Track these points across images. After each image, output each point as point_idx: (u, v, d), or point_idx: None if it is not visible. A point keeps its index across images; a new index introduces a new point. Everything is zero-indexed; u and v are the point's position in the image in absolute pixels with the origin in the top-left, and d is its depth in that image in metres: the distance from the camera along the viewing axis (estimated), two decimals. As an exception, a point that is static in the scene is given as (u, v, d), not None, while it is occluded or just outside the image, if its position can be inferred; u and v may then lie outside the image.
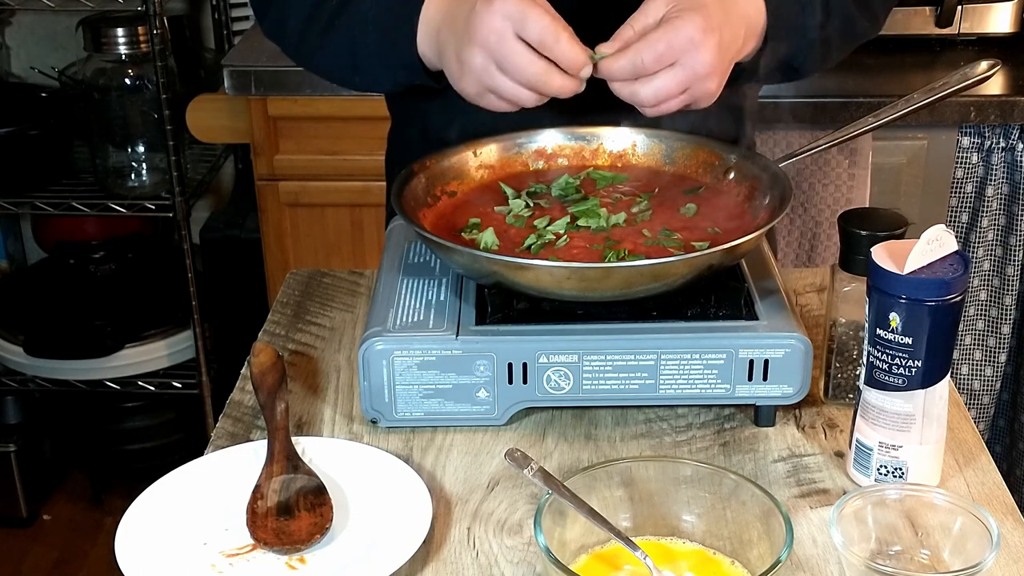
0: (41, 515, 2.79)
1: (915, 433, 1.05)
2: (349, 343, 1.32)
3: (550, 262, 1.09)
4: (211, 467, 1.10)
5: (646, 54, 1.11)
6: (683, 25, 1.10)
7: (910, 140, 2.17)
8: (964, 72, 1.22)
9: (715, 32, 1.11)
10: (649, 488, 1.00)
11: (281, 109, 2.25)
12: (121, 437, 2.76)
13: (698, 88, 1.13)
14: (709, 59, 1.10)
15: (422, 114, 1.40)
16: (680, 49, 1.10)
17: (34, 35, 2.78)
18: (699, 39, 1.10)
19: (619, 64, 1.12)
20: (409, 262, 1.25)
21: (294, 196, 2.32)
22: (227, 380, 1.35)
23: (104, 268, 2.71)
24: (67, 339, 2.61)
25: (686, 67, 1.11)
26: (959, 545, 0.97)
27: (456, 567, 1.01)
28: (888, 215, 1.14)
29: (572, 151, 1.33)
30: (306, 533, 1.02)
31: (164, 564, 0.99)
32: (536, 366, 1.12)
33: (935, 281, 0.99)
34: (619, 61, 1.12)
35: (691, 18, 1.10)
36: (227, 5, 2.69)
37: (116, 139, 2.47)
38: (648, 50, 1.11)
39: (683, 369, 1.12)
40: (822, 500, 1.07)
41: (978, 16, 2.25)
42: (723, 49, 1.12)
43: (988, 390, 2.32)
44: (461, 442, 1.15)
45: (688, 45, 1.10)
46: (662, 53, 1.10)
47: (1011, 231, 2.19)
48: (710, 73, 1.12)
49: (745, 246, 1.11)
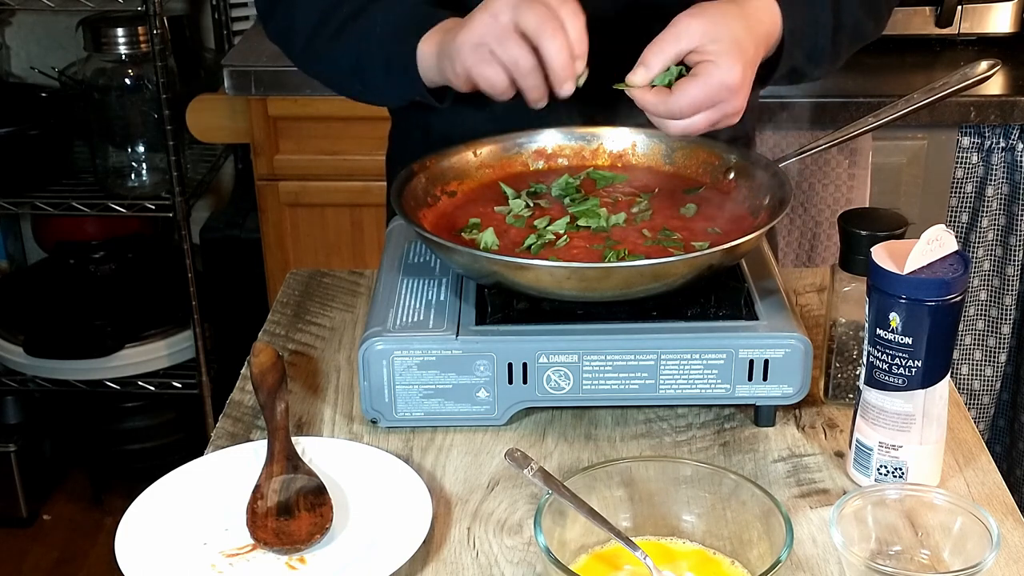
0: (41, 515, 2.78)
1: (915, 433, 1.05)
2: (349, 343, 1.32)
3: (550, 262, 1.09)
4: (211, 467, 1.10)
5: (684, 105, 1.12)
6: (724, 76, 1.11)
7: (910, 140, 2.17)
8: (964, 72, 1.22)
9: (749, 70, 1.13)
10: (649, 488, 1.00)
11: (281, 109, 2.25)
12: (121, 437, 2.76)
13: (726, 120, 1.15)
14: (741, 102, 1.13)
15: (423, 114, 1.40)
16: (716, 98, 1.12)
17: (34, 35, 2.78)
18: (736, 87, 1.12)
19: (654, 105, 1.14)
20: (409, 262, 1.25)
21: (294, 196, 2.32)
22: (227, 380, 1.35)
23: (104, 268, 2.71)
24: (67, 339, 2.61)
25: (720, 111, 1.13)
26: (959, 545, 0.97)
27: (456, 567, 1.01)
28: (888, 215, 1.14)
29: (572, 151, 1.33)
30: (306, 533, 1.02)
31: (164, 564, 0.99)
32: (536, 366, 1.12)
33: (935, 281, 0.99)
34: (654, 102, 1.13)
35: (730, 66, 1.11)
36: (227, 5, 2.69)
37: (116, 139, 2.47)
38: (686, 102, 1.12)
39: (683, 369, 1.12)
40: (822, 500, 1.07)
41: (978, 16, 2.25)
42: (748, 78, 1.14)
43: (988, 390, 2.32)
44: (461, 442, 1.15)
45: (726, 94, 1.12)
46: (700, 103, 1.12)
47: (1011, 231, 2.19)
48: (738, 110, 1.14)
49: (745, 246, 1.11)
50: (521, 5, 1.11)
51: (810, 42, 1.23)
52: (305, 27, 1.31)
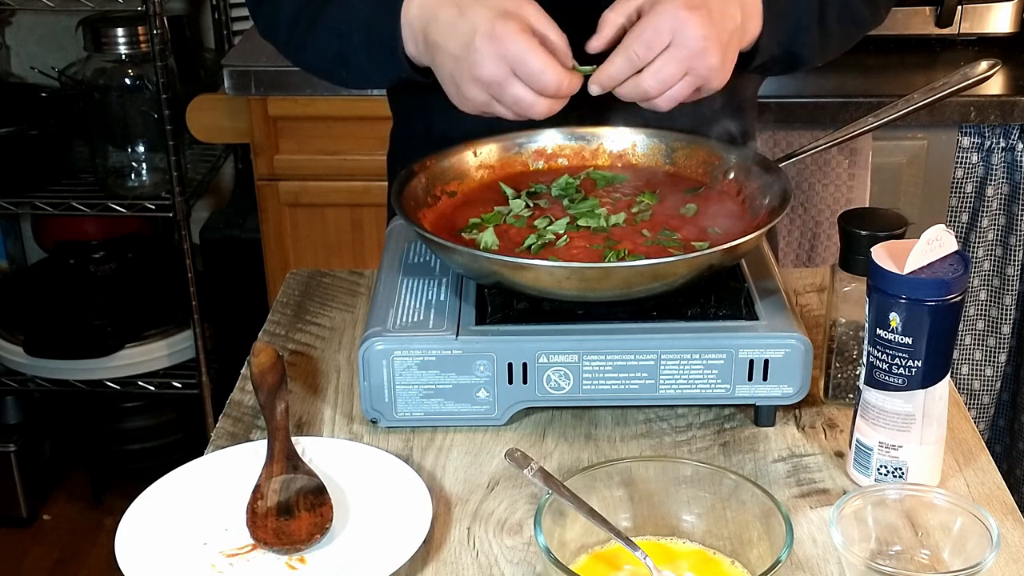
0: (41, 515, 2.79)
1: (915, 433, 1.05)
2: (349, 343, 1.32)
3: (550, 262, 1.09)
4: (211, 467, 1.10)
5: (636, 46, 1.10)
6: (665, 5, 1.09)
7: (910, 140, 2.17)
8: (964, 72, 1.22)
9: (700, 6, 1.10)
10: (649, 488, 1.00)
11: (281, 109, 2.25)
12: (121, 437, 2.76)
13: (699, 65, 1.11)
14: (700, 31, 1.09)
15: (425, 113, 1.40)
16: (668, 29, 1.09)
17: (34, 35, 2.78)
18: (684, 15, 1.09)
19: (614, 66, 1.12)
20: (409, 262, 1.25)
21: (294, 196, 2.32)
22: (227, 380, 1.35)
23: (104, 268, 2.71)
24: (67, 339, 2.61)
25: (679, 45, 1.10)
26: (959, 545, 0.97)
27: (456, 567, 1.01)
28: (888, 215, 1.14)
29: (572, 151, 1.33)
30: (306, 533, 1.02)
31: (164, 564, 0.99)
32: (536, 366, 1.12)
33: (935, 281, 0.99)
34: (613, 63, 1.12)
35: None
36: (227, 5, 2.69)
37: (116, 139, 2.47)
38: (636, 41, 1.10)
39: (683, 369, 1.12)
40: (822, 500, 1.07)
41: (978, 16, 2.25)
42: (715, 22, 1.11)
43: (988, 390, 2.32)
44: (461, 442, 1.15)
45: (674, 22, 1.09)
46: (651, 39, 1.10)
47: (1011, 231, 2.19)
48: (706, 46, 1.10)
49: (745, 246, 1.11)
50: (498, 93, 1.12)
51: (792, 19, 1.22)
52: (287, 18, 1.31)
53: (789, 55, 1.26)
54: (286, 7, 1.31)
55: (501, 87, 1.11)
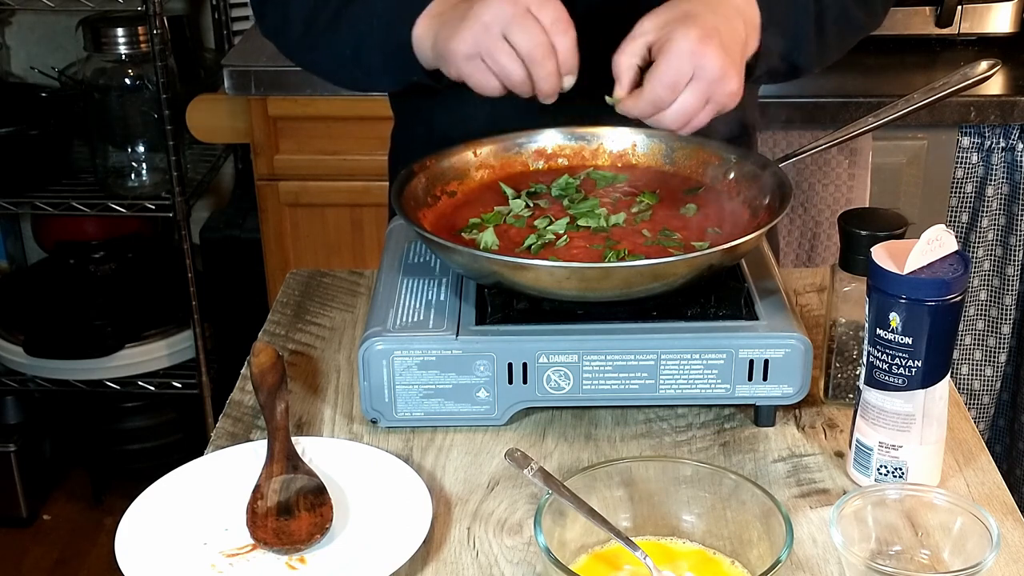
0: (41, 515, 2.78)
1: (915, 433, 1.05)
2: (349, 343, 1.32)
3: (550, 262, 1.09)
4: (211, 467, 1.10)
5: (660, 90, 1.12)
6: (680, 43, 1.10)
7: (910, 140, 2.17)
8: (964, 72, 1.22)
9: (712, 35, 1.11)
10: (649, 488, 1.00)
11: (281, 109, 2.25)
12: (121, 437, 2.76)
13: (718, 92, 1.13)
14: (718, 62, 1.11)
15: (426, 113, 1.40)
16: (688, 68, 1.11)
17: (34, 35, 2.78)
18: (699, 49, 1.10)
19: (639, 107, 1.13)
20: (409, 262, 1.25)
21: (294, 196, 2.32)
22: (227, 380, 1.35)
23: (104, 268, 2.71)
24: (67, 339, 2.61)
25: (700, 79, 1.11)
26: (959, 545, 0.97)
27: (456, 567, 1.01)
28: (888, 215, 1.14)
29: (572, 151, 1.33)
30: (306, 533, 1.02)
31: (164, 564, 0.99)
32: (536, 366, 1.12)
33: (935, 281, 0.99)
34: (638, 105, 1.13)
35: (684, 33, 1.10)
36: (227, 5, 2.69)
37: (116, 139, 2.47)
38: (659, 86, 1.11)
39: (683, 369, 1.12)
40: (822, 500, 1.07)
41: (978, 16, 2.25)
42: (727, 47, 1.12)
43: (988, 390, 2.32)
44: (461, 442, 1.15)
45: (693, 59, 1.10)
46: (674, 81, 1.11)
47: (1011, 231, 2.19)
48: (724, 75, 1.12)
49: (745, 246, 1.11)
50: (513, 22, 1.12)
51: (790, 24, 1.23)
52: (300, 16, 1.31)
53: (789, 64, 1.27)
54: (298, 4, 1.31)
55: (515, 12, 1.12)
